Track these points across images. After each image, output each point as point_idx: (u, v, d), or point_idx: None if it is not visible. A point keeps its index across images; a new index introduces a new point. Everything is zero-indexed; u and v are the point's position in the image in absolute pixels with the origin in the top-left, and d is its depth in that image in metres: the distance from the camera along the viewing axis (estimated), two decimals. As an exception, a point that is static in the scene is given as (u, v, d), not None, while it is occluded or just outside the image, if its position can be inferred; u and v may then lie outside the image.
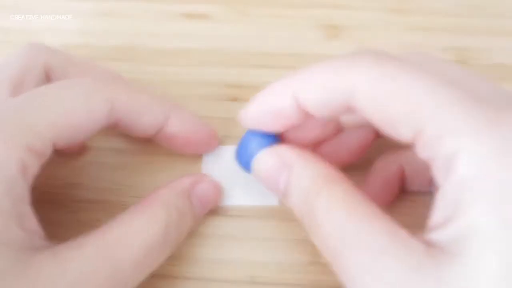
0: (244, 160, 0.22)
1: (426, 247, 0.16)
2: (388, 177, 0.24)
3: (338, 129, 0.24)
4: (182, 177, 0.23)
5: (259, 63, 0.30)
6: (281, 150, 0.21)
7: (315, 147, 0.24)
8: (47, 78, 0.25)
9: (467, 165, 0.16)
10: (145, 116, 0.23)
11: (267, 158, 0.21)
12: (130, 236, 0.20)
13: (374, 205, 0.18)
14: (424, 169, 0.20)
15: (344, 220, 0.18)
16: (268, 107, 0.20)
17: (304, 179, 0.20)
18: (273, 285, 0.23)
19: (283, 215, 0.25)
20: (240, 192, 0.25)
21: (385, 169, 0.24)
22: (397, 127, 0.17)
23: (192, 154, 0.26)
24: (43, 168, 0.20)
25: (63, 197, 0.25)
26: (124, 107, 0.22)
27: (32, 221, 0.19)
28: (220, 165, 0.26)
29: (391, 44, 0.31)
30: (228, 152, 0.26)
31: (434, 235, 0.17)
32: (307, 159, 0.20)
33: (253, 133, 0.22)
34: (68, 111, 0.21)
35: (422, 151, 0.17)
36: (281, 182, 0.20)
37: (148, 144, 0.27)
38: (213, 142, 0.26)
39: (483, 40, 0.31)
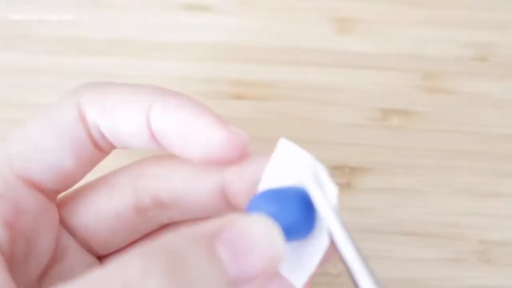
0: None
1: None
2: None
3: None
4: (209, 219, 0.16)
5: (265, 58, 0.29)
6: None
7: None
8: None
9: None
10: (120, 110, 0.18)
11: None
12: None
13: None
14: None
15: None
16: None
17: None
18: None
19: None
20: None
21: None
22: None
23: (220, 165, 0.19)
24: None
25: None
26: (93, 109, 0.18)
27: None
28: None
29: (408, 39, 0.30)
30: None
31: None
32: None
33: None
34: (32, 137, 0.18)
35: None
36: None
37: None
38: (234, 143, 0.18)
39: (506, 35, 0.30)
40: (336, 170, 0.26)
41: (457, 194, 0.26)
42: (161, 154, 0.20)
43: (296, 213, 0.16)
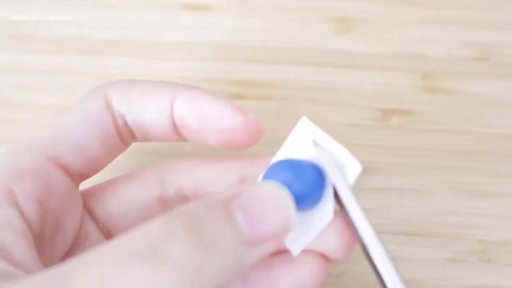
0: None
1: None
2: None
3: None
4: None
5: (265, 59, 0.29)
6: None
7: None
8: None
9: None
10: (147, 102, 0.20)
11: None
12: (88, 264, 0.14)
13: None
14: None
15: None
16: None
17: None
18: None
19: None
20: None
21: None
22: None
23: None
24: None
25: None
26: (120, 99, 0.20)
27: (18, 253, 0.16)
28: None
29: (408, 39, 0.30)
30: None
31: None
32: None
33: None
34: (61, 123, 0.19)
35: None
36: None
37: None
38: (251, 127, 0.19)
39: (506, 35, 0.30)
40: (336, 170, 0.26)
41: (457, 194, 0.26)
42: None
43: (308, 183, 0.17)
